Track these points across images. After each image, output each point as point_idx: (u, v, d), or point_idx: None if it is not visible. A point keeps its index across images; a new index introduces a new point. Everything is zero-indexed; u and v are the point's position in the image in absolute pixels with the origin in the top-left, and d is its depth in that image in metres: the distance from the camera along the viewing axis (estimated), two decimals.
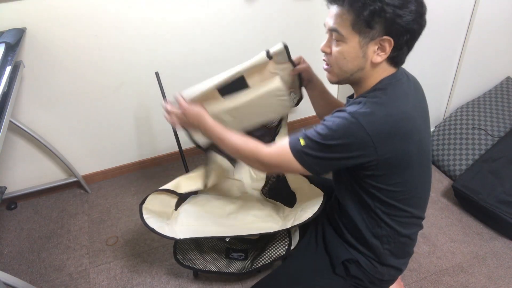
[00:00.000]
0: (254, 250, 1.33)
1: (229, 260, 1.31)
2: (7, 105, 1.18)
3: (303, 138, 0.84)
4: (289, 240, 1.26)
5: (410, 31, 0.80)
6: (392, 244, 0.96)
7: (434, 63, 1.71)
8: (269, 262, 1.26)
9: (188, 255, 1.31)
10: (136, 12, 1.53)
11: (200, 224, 1.26)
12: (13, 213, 1.76)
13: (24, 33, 1.39)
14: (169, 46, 1.66)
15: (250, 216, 1.30)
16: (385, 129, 0.79)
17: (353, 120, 0.79)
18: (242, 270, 1.29)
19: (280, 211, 1.31)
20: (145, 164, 1.97)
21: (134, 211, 1.72)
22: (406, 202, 0.91)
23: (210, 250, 1.33)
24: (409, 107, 0.84)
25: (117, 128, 1.80)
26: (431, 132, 0.98)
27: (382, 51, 0.82)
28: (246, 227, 1.24)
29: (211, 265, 1.30)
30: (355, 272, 0.99)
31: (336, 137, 0.80)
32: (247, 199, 1.43)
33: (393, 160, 0.83)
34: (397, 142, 0.81)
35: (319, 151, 0.82)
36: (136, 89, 1.72)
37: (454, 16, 1.59)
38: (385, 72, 0.86)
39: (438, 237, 1.48)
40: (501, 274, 1.33)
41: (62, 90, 1.60)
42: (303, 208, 1.18)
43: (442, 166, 1.79)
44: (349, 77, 0.88)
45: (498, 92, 1.85)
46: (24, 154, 1.70)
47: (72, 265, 1.48)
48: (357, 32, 0.80)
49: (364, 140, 0.79)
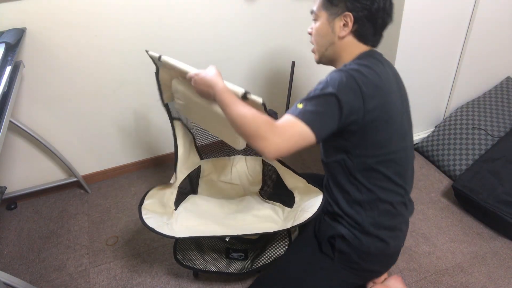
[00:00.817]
0: (254, 250, 1.33)
1: (229, 260, 1.31)
2: (7, 105, 1.18)
3: (300, 103, 0.90)
4: (289, 240, 1.26)
5: (367, 7, 0.92)
6: (375, 211, 1.01)
7: (434, 63, 1.71)
8: (269, 262, 1.26)
9: (188, 255, 1.31)
10: (136, 12, 1.53)
11: (199, 223, 1.26)
12: (13, 213, 1.76)
13: (24, 33, 1.39)
14: (169, 46, 1.66)
15: (249, 216, 1.31)
16: (371, 82, 0.89)
17: (345, 73, 0.89)
18: (242, 270, 1.29)
19: (279, 212, 1.31)
20: (145, 164, 1.97)
21: (134, 211, 1.72)
22: (384, 166, 0.98)
23: (210, 250, 1.33)
24: (388, 72, 0.97)
25: (117, 128, 1.80)
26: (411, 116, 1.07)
27: (346, 26, 0.96)
28: (246, 227, 1.24)
29: (211, 265, 1.30)
30: (340, 245, 1.03)
31: (331, 85, 0.87)
32: (246, 200, 1.43)
33: (376, 115, 0.91)
34: (381, 97, 0.91)
35: (319, 105, 0.87)
36: (136, 89, 1.72)
37: (454, 16, 1.59)
38: (357, 49, 0.98)
39: (438, 237, 1.48)
40: (501, 274, 1.33)
41: (62, 90, 1.60)
42: (303, 208, 1.18)
43: (442, 166, 1.79)
44: (325, 52, 1.02)
45: (498, 92, 1.85)
46: (24, 154, 1.70)
47: (72, 265, 1.48)
48: (325, 9, 0.98)
49: (354, 89, 0.88)
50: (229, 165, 1.53)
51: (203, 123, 1.28)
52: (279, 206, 1.35)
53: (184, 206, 1.35)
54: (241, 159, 1.53)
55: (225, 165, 1.53)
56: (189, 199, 1.41)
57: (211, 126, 1.23)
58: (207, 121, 1.21)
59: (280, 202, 1.36)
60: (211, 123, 1.19)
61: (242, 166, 1.52)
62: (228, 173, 1.52)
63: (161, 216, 1.22)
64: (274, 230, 1.14)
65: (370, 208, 1.00)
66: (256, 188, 1.49)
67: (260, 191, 1.48)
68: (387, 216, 1.02)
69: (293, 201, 1.28)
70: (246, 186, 1.50)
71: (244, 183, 1.51)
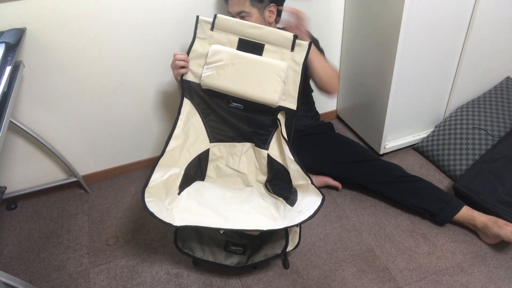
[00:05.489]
0: (252, 246, 1.33)
1: (227, 253, 1.32)
2: (7, 105, 1.18)
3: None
4: (286, 240, 1.26)
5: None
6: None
7: (434, 63, 1.71)
8: (265, 259, 1.26)
9: (188, 243, 1.32)
10: (136, 12, 1.53)
11: (199, 212, 1.26)
12: (13, 213, 1.76)
13: (24, 33, 1.39)
14: (169, 46, 1.66)
15: (250, 210, 1.30)
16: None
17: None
18: (238, 264, 1.30)
19: (281, 208, 1.31)
20: (145, 164, 1.97)
21: (134, 211, 1.72)
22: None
23: (209, 240, 1.34)
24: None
25: (117, 128, 1.80)
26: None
27: (272, 14, 1.42)
28: (243, 221, 1.24)
29: (208, 255, 1.31)
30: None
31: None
32: (249, 192, 1.43)
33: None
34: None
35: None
36: (136, 89, 1.72)
37: (454, 16, 1.59)
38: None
39: (438, 237, 1.48)
40: (501, 274, 1.33)
41: (62, 90, 1.60)
42: (301, 210, 1.18)
43: (442, 166, 1.79)
44: None
45: (498, 92, 1.85)
46: (24, 154, 1.70)
47: (72, 265, 1.48)
48: (255, 6, 1.37)
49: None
50: (238, 151, 1.51)
51: (235, 84, 1.34)
52: (281, 202, 1.35)
53: (187, 192, 1.35)
54: (251, 148, 1.52)
55: (234, 152, 1.52)
56: (194, 185, 1.41)
57: (247, 84, 1.33)
58: (245, 78, 1.33)
59: (283, 198, 1.35)
60: (249, 79, 1.33)
61: (251, 155, 1.51)
62: (237, 160, 1.51)
63: (163, 200, 1.22)
64: (267, 229, 1.13)
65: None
66: (263, 178, 1.49)
67: (266, 182, 1.48)
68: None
69: (296, 199, 1.28)
70: (253, 175, 1.50)
71: (251, 171, 1.50)
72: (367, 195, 1.68)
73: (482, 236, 1.43)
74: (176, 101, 1.80)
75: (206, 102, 1.43)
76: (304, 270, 1.38)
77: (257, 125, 1.44)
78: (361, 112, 1.96)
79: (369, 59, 1.75)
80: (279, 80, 1.31)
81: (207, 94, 1.41)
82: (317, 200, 1.15)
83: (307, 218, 1.09)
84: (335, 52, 1.98)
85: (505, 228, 1.33)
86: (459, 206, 1.46)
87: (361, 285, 1.32)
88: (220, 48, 1.33)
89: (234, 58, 1.32)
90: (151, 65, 1.69)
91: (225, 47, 1.34)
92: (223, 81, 1.34)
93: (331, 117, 2.24)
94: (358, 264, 1.39)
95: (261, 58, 1.32)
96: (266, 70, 1.31)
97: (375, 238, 1.49)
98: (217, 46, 1.34)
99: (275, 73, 1.31)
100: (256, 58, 1.32)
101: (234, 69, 1.32)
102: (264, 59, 1.32)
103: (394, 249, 1.44)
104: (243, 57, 1.32)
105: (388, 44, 1.57)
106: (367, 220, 1.57)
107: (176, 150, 1.36)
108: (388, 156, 1.91)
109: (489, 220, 1.39)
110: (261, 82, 1.32)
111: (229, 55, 1.32)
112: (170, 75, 1.73)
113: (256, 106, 1.38)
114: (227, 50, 1.33)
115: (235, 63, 1.32)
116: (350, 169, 1.62)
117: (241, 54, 1.32)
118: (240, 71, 1.32)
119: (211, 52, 1.34)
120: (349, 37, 1.88)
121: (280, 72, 1.30)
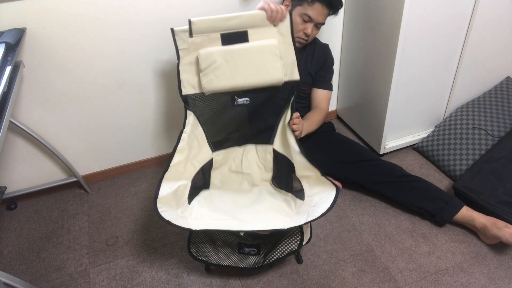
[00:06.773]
0: (266, 245, 1.33)
1: (242, 255, 1.32)
2: (7, 105, 1.18)
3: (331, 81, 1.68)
4: (301, 235, 1.26)
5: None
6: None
7: (434, 63, 1.71)
8: (282, 257, 1.25)
9: (202, 249, 1.31)
10: (136, 12, 1.53)
11: (214, 217, 1.26)
12: (13, 213, 1.76)
13: (24, 33, 1.39)
14: (169, 46, 1.66)
15: (263, 210, 1.30)
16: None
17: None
18: (255, 265, 1.29)
19: (292, 204, 1.31)
20: (145, 164, 1.97)
21: (134, 211, 1.72)
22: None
23: (222, 244, 1.33)
24: None
25: (117, 128, 1.80)
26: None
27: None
28: (260, 222, 1.23)
29: (224, 260, 1.30)
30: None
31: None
32: (258, 192, 1.43)
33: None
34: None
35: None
36: (136, 89, 1.72)
37: (454, 16, 1.59)
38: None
39: (438, 237, 1.48)
40: (501, 274, 1.33)
41: (62, 90, 1.60)
42: (317, 203, 1.17)
43: (442, 166, 1.79)
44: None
45: (498, 92, 1.85)
46: (24, 154, 1.70)
47: (72, 265, 1.48)
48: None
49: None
50: (239, 154, 1.52)
51: (237, 78, 1.34)
52: (291, 197, 1.34)
53: (197, 200, 1.35)
54: (252, 148, 1.53)
55: (236, 155, 1.52)
56: (202, 194, 1.41)
57: (248, 73, 1.33)
58: (243, 69, 1.32)
59: (291, 193, 1.35)
60: (247, 69, 1.32)
61: (253, 155, 1.52)
62: (239, 163, 1.51)
63: (175, 210, 1.22)
64: (288, 226, 1.13)
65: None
66: (268, 176, 1.49)
67: (272, 179, 1.48)
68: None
69: (303, 192, 1.28)
70: (257, 174, 1.50)
71: (255, 171, 1.51)
72: (367, 195, 1.68)
73: (482, 236, 1.43)
74: (176, 101, 1.80)
75: (209, 108, 1.42)
76: (304, 270, 1.38)
77: (261, 120, 1.44)
78: (361, 112, 1.96)
79: (369, 59, 1.75)
80: (275, 57, 1.31)
81: (211, 99, 1.40)
82: (331, 192, 1.14)
83: (326, 211, 1.08)
84: (335, 52, 1.98)
85: (504, 230, 1.33)
86: (459, 207, 1.46)
87: (361, 285, 1.32)
88: (208, 51, 1.31)
89: (225, 55, 1.31)
90: (151, 65, 1.69)
91: (212, 48, 1.32)
92: (224, 81, 1.33)
93: (331, 117, 2.24)
94: (358, 264, 1.40)
95: (250, 44, 1.31)
96: (260, 53, 1.30)
97: (375, 238, 1.49)
98: (205, 50, 1.32)
99: (269, 52, 1.30)
100: (245, 46, 1.31)
101: (230, 65, 1.31)
102: (254, 44, 1.31)
103: (394, 249, 1.44)
104: (233, 50, 1.31)
105: (388, 44, 1.57)
106: (367, 220, 1.57)
107: (181, 164, 1.35)
108: (388, 156, 1.91)
109: (489, 221, 1.39)
110: (260, 66, 1.31)
111: (219, 54, 1.31)
112: (170, 75, 1.73)
113: (261, 95, 1.38)
114: (216, 50, 1.31)
115: (229, 59, 1.31)
116: (350, 169, 1.62)
117: (230, 48, 1.31)
118: (236, 64, 1.32)
119: (201, 58, 1.31)
120: (349, 37, 1.88)
121: (273, 49, 1.30)
